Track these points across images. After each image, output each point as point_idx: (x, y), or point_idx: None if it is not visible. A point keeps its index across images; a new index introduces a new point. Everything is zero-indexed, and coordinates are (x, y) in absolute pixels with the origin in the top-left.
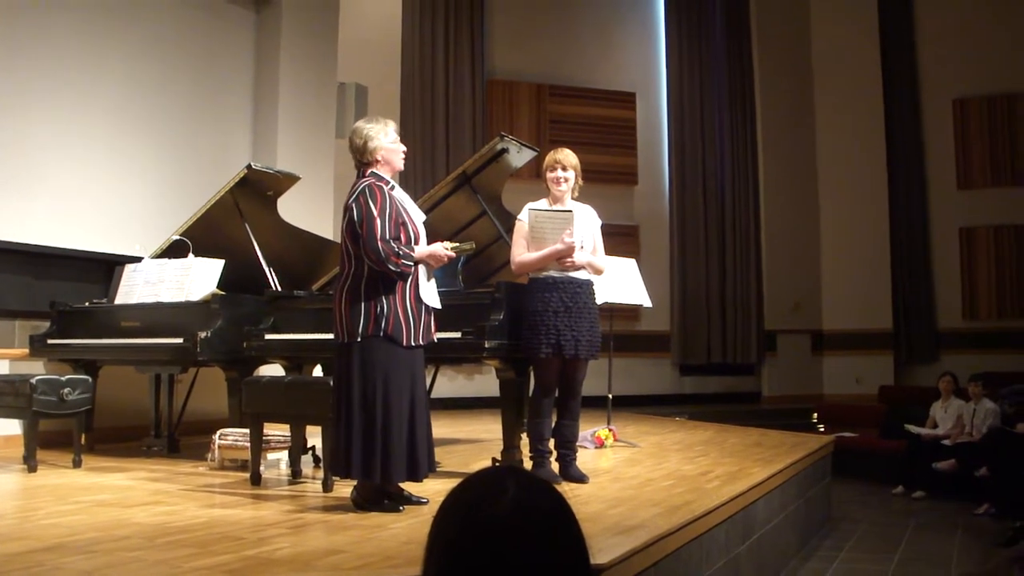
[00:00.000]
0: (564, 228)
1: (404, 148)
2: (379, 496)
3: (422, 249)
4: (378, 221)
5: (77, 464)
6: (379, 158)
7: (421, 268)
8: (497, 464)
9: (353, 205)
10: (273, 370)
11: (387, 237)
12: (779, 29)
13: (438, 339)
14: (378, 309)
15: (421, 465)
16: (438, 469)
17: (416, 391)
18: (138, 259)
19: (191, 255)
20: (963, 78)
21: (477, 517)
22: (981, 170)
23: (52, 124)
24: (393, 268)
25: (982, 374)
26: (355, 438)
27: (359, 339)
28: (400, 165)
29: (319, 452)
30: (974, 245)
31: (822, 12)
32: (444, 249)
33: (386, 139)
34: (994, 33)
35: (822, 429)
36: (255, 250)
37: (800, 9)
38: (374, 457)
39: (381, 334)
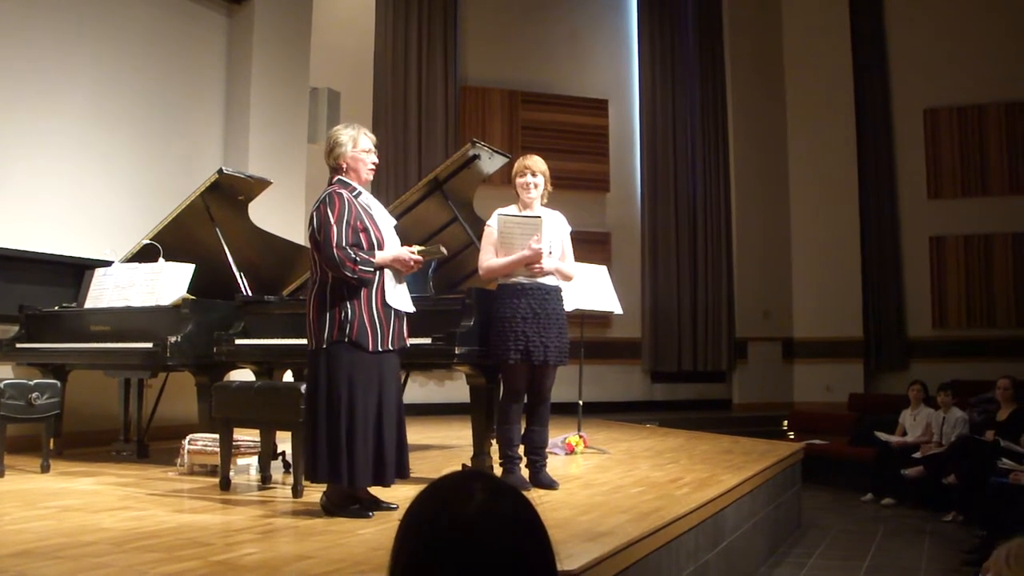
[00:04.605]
0: (532, 234)
1: (375, 160)
2: (348, 501)
3: (384, 254)
4: (334, 229)
5: (45, 469)
6: (343, 164)
7: (388, 273)
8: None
9: (314, 213)
10: (243, 375)
11: (343, 244)
12: (751, 38)
13: (409, 345)
14: (343, 315)
15: (388, 469)
16: (408, 476)
17: (384, 396)
18: (108, 263)
19: (162, 259)
20: (934, 88)
21: (443, 522)
22: (951, 180)
23: (21, 127)
24: (350, 274)
25: (951, 383)
26: (320, 442)
27: (325, 345)
28: (365, 175)
29: (289, 457)
30: (944, 254)
31: (794, 21)
32: (410, 253)
33: (352, 148)
34: (964, 44)
35: (792, 436)
36: (226, 255)
37: (772, 18)
38: (340, 461)
39: (346, 339)
